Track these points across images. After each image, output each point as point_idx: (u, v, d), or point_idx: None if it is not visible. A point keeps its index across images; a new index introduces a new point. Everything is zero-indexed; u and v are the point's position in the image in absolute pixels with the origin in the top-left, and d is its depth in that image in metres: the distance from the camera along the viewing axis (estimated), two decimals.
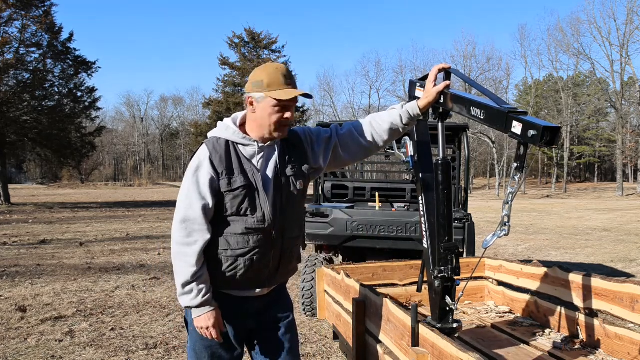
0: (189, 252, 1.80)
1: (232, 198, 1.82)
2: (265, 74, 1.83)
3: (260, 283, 1.91)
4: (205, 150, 1.85)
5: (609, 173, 59.11)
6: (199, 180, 1.81)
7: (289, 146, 1.96)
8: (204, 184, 1.81)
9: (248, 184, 1.83)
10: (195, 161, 1.84)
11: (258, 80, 1.84)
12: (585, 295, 2.67)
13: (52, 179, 55.24)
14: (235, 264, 1.83)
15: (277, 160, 1.91)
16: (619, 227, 13.74)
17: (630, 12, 37.81)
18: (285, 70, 1.87)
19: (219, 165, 1.82)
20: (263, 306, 1.97)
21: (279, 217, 1.87)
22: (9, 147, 23.27)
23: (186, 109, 77.99)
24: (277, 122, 1.84)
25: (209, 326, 1.83)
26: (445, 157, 2.14)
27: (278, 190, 1.88)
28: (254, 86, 1.84)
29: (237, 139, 1.88)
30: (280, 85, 1.82)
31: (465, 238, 4.47)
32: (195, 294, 1.80)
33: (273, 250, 1.88)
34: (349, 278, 2.77)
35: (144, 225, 14.21)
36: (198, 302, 1.81)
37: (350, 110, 58.44)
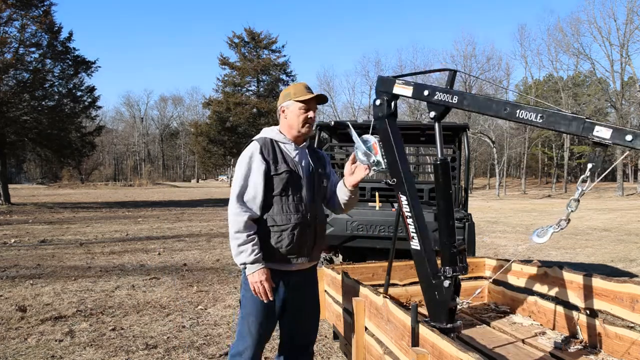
0: (241, 220, 2.21)
1: (278, 180, 2.27)
2: (291, 88, 2.41)
3: (300, 257, 2.32)
4: (256, 144, 2.33)
5: (609, 173, 59.06)
6: (252, 166, 2.27)
7: (315, 155, 2.49)
8: (256, 169, 2.26)
9: (290, 170, 2.31)
10: (248, 152, 2.30)
11: (286, 93, 2.40)
12: (585, 295, 2.67)
13: (52, 179, 55.23)
14: (281, 237, 2.26)
15: (310, 160, 2.42)
16: (619, 227, 13.73)
17: (630, 12, 37.83)
18: (306, 85, 2.42)
19: (267, 155, 2.30)
20: (299, 281, 2.38)
21: (312, 202, 2.35)
22: (9, 147, 23.27)
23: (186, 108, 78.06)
24: (303, 120, 2.36)
25: (261, 280, 2.21)
26: (444, 157, 2.14)
27: (312, 182, 2.37)
28: (284, 98, 2.39)
29: (279, 138, 2.38)
30: (303, 92, 2.36)
31: (465, 238, 4.47)
32: (249, 252, 2.20)
33: (309, 229, 2.32)
34: (349, 278, 2.76)
35: (144, 225, 14.21)
36: (252, 259, 2.20)
37: (350, 110, 58.43)
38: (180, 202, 26.56)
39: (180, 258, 8.42)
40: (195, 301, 5.47)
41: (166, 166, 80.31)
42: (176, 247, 9.80)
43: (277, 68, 38.32)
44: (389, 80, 2.24)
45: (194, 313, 5.01)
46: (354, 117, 50.76)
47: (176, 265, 7.70)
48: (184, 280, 6.55)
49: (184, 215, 17.50)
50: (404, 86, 2.19)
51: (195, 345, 4.05)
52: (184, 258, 8.43)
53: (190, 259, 8.37)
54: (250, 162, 2.28)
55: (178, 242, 10.52)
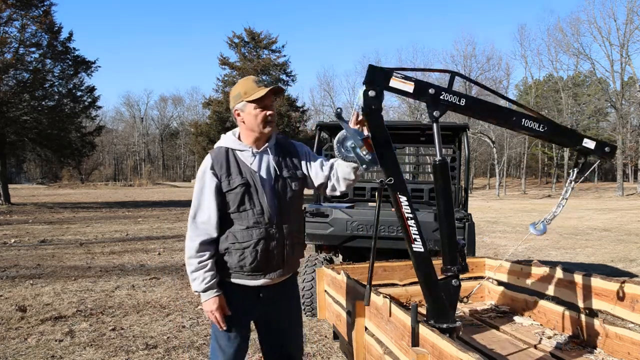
0: (192, 245, 2.11)
1: (233, 196, 2.10)
2: (240, 87, 2.16)
3: (268, 273, 2.16)
4: (208, 159, 2.17)
5: (609, 173, 59.09)
6: (204, 185, 2.13)
7: (284, 153, 2.25)
8: (208, 187, 2.12)
9: (245, 182, 2.12)
10: (202, 168, 2.16)
11: (236, 94, 2.16)
12: (585, 295, 2.67)
13: (52, 179, 55.22)
14: (243, 255, 2.11)
15: (274, 164, 2.19)
16: (619, 227, 13.74)
17: (630, 12, 37.82)
18: (255, 78, 2.19)
19: (219, 170, 2.12)
20: (271, 295, 2.22)
21: (277, 212, 2.14)
22: (9, 147, 23.26)
23: (186, 108, 78.04)
24: (262, 120, 2.14)
25: (212, 310, 2.11)
26: (443, 157, 2.13)
27: (276, 189, 2.16)
28: (234, 100, 2.17)
29: (234, 146, 2.19)
30: (254, 89, 2.12)
31: (466, 238, 4.47)
32: (200, 280, 2.10)
33: (274, 242, 2.14)
34: (349, 278, 2.76)
35: (144, 225, 14.21)
36: (203, 287, 2.10)
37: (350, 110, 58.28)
38: (180, 202, 26.56)
39: (180, 258, 8.41)
40: (195, 301, 5.47)
41: (166, 166, 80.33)
42: (176, 247, 9.80)
43: (277, 68, 38.35)
44: (384, 72, 2.03)
45: (194, 313, 5.01)
46: None
47: (176, 265, 7.70)
48: (184, 280, 6.55)
49: (184, 215, 17.49)
50: (403, 81, 2.03)
51: (195, 345, 4.05)
52: (184, 258, 8.42)
53: None
54: (203, 179, 2.13)
55: (178, 242, 10.52)
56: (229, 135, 2.25)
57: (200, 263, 2.10)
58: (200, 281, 2.10)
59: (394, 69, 2.06)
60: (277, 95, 2.19)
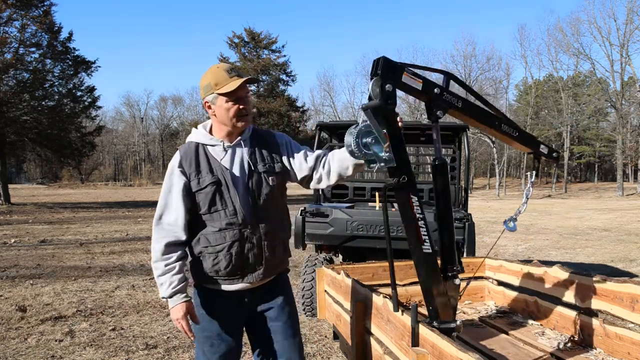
0: (158, 247, 1.96)
1: (203, 196, 1.95)
2: (210, 76, 1.96)
3: (245, 276, 2.00)
4: (177, 156, 2.03)
5: (609, 173, 59.09)
6: (172, 183, 1.99)
7: (260, 144, 2.07)
8: (176, 187, 1.97)
9: (216, 181, 1.95)
10: (170, 166, 2.02)
11: (206, 85, 1.97)
12: (585, 295, 2.67)
13: (52, 179, 55.24)
14: (217, 259, 1.96)
15: (248, 158, 2.01)
16: (619, 227, 13.74)
17: (630, 12, 37.82)
18: (227, 66, 1.97)
19: (188, 168, 1.97)
20: (257, 298, 2.07)
21: (252, 211, 1.97)
22: (9, 147, 23.28)
23: (186, 108, 77.96)
24: (234, 115, 1.96)
25: (178, 318, 1.96)
26: (442, 156, 2.13)
27: (250, 186, 1.99)
28: (204, 91, 1.98)
29: (205, 141, 2.03)
30: (226, 80, 1.93)
31: (466, 238, 4.47)
32: (167, 285, 1.95)
33: (249, 244, 1.97)
34: (349, 278, 2.76)
35: (144, 225, 14.21)
36: (169, 293, 1.95)
37: (350, 110, 58.41)
38: None
39: None
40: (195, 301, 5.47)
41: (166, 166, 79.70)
42: None
43: (277, 68, 38.37)
44: (397, 67, 1.90)
45: None
46: (354, 117, 50.80)
47: None
48: None
49: None
50: (413, 77, 1.94)
51: (195, 345, 4.05)
52: None
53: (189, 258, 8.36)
54: (170, 178, 1.99)
55: None
56: (200, 128, 2.08)
57: (167, 266, 1.95)
58: (167, 286, 1.94)
59: (405, 65, 1.96)
60: (252, 83, 2.04)
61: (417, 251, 1.99)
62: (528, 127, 47.44)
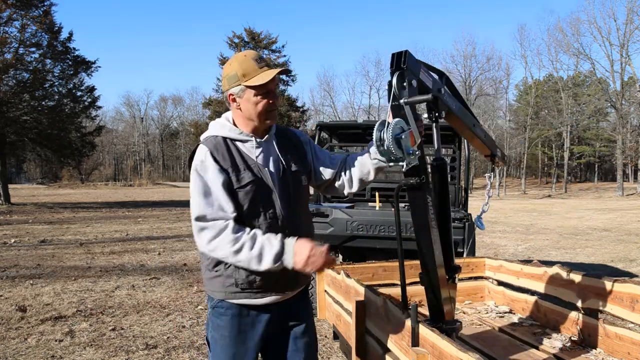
0: (226, 238, 1.66)
1: (243, 195, 1.73)
2: (237, 65, 1.75)
3: (279, 288, 1.79)
4: (204, 150, 1.75)
5: (609, 173, 59.08)
6: (209, 180, 1.71)
7: (286, 142, 1.89)
8: (216, 184, 1.70)
9: (256, 179, 1.75)
10: (197, 161, 1.74)
11: (232, 75, 1.76)
12: (585, 295, 2.67)
13: (52, 179, 55.22)
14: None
15: (279, 155, 1.83)
16: (619, 227, 13.74)
17: (630, 12, 37.84)
18: (255, 55, 1.79)
19: (223, 162, 1.73)
20: (285, 313, 1.87)
21: (289, 213, 1.79)
22: (9, 147, 23.27)
23: (186, 108, 78.11)
24: (264, 110, 1.77)
25: (310, 253, 1.65)
26: (442, 156, 2.13)
27: (287, 186, 1.81)
28: (229, 82, 1.77)
29: (234, 136, 1.79)
30: (255, 71, 1.74)
31: (465, 238, 4.47)
32: (268, 249, 1.65)
33: None
34: (349, 278, 2.76)
35: (144, 225, 14.21)
36: (275, 251, 1.65)
37: (350, 110, 58.44)
38: (180, 202, 26.55)
39: (180, 258, 8.42)
40: (195, 301, 5.47)
41: (166, 166, 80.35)
42: (176, 247, 9.80)
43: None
44: (418, 63, 1.81)
45: (194, 313, 5.01)
46: (354, 117, 50.79)
47: (176, 265, 7.70)
48: (184, 280, 6.55)
49: (184, 215, 17.49)
50: (426, 75, 1.86)
51: (195, 345, 4.05)
52: (184, 258, 8.43)
53: (190, 259, 8.37)
54: (204, 175, 1.71)
55: (178, 242, 10.52)
56: (223, 122, 1.84)
57: (246, 235, 1.66)
58: (269, 248, 1.65)
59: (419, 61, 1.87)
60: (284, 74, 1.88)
61: (429, 251, 1.93)
62: (528, 127, 47.49)
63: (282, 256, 1.66)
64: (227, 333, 1.80)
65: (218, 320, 1.82)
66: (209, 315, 1.86)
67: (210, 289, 1.83)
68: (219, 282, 1.78)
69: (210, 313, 1.86)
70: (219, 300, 1.80)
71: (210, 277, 1.81)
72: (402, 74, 1.72)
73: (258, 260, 1.65)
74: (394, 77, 1.73)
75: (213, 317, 1.84)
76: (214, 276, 1.79)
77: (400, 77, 1.72)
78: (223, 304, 1.80)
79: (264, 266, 1.66)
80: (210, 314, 1.86)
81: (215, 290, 1.80)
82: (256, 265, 1.66)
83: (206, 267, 1.82)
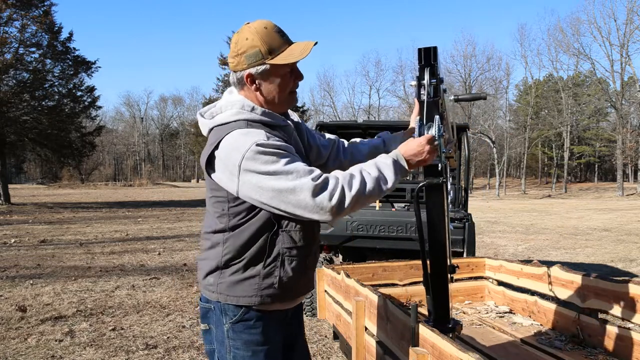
0: (344, 181, 1.40)
1: None
2: (258, 39, 1.46)
3: (308, 287, 1.63)
4: (258, 131, 1.44)
5: (609, 173, 59.08)
6: (283, 151, 1.41)
7: (298, 130, 1.68)
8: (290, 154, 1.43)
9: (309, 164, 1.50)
10: (259, 140, 1.40)
11: (254, 52, 1.46)
12: (585, 295, 2.67)
13: (52, 179, 55.17)
14: (302, 265, 1.54)
15: (298, 139, 1.64)
16: (619, 227, 13.73)
17: (630, 12, 37.84)
18: (275, 26, 1.50)
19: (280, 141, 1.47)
20: (293, 317, 1.68)
21: None
22: (9, 147, 23.26)
23: (186, 108, 78.12)
24: (290, 92, 1.55)
25: (425, 148, 1.50)
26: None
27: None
28: (249, 59, 1.47)
29: (271, 120, 1.52)
30: (282, 45, 1.48)
31: (465, 238, 4.47)
32: (387, 164, 1.48)
33: (315, 245, 1.62)
34: (349, 278, 2.76)
35: (143, 225, 14.21)
36: (392, 159, 1.49)
37: (350, 110, 58.42)
38: (180, 202, 26.56)
39: (180, 258, 8.42)
40: (195, 301, 5.47)
41: (166, 166, 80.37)
42: (176, 247, 9.80)
43: None
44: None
45: (194, 313, 5.01)
46: (354, 117, 50.79)
47: (176, 265, 7.70)
48: (184, 280, 6.55)
49: (184, 215, 17.49)
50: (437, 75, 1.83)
51: (195, 345, 4.05)
52: (184, 258, 8.43)
53: (190, 259, 8.37)
54: (272, 147, 1.40)
55: (178, 242, 10.52)
56: (250, 103, 1.51)
57: (361, 174, 1.43)
58: (388, 168, 1.46)
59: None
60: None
61: (440, 251, 1.89)
62: (528, 127, 47.50)
63: (398, 163, 1.49)
64: (261, 347, 1.51)
65: (246, 335, 1.50)
66: (228, 333, 1.51)
67: (235, 295, 1.50)
68: (251, 284, 1.49)
69: (229, 330, 1.51)
70: (246, 310, 1.50)
71: (238, 280, 1.50)
72: (433, 69, 1.66)
73: (384, 181, 1.45)
74: (425, 72, 1.65)
75: (236, 333, 1.51)
76: (243, 278, 1.49)
77: (431, 73, 1.66)
78: (251, 315, 1.51)
79: (390, 182, 1.46)
80: (229, 330, 1.51)
81: (243, 295, 1.49)
82: (384, 185, 1.45)
83: (230, 268, 1.51)
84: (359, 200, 1.41)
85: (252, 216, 1.47)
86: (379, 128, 5.21)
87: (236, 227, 1.49)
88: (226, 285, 1.51)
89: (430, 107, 1.66)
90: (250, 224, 1.48)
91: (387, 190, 1.46)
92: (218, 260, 1.52)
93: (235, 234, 1.49)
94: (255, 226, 1.47)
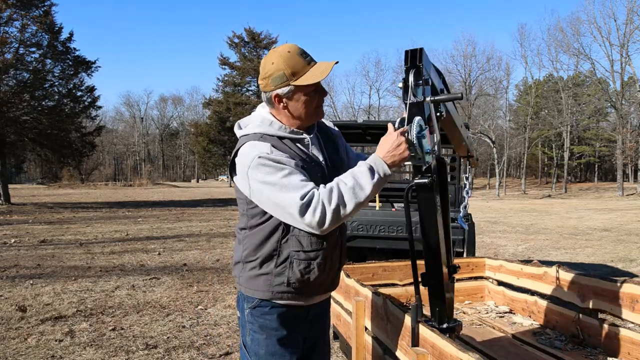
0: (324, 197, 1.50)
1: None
2: (282, 63, 1.60)
3: (327, 287, 1.75)
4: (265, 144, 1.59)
5: (609, 173, 59.10)
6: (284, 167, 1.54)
7: (326, 137, 1.79)
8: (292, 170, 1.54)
9: (322, 175, 1.65)
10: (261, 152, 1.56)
11: (278, 75, 1.60)
12: (585, 295, 2.67)
13: (52, 179, 55.18)
14: (309, 268, 1.63)
15: (325, 150, 1.74)
16: (619, 227, 13.73)
17: (630, 12, 37.85)
18: (298, 49, 1.64)
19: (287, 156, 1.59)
20: (317, 314, 1.80)
21: None
22: (9, 147, 23.28)
23: (186, 108, 78.21)
24: (316, 107, 1.67)
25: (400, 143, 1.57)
26: (441, 156, 2.12)
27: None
28: (275, 82, 1.61)
29: (286, 134, 1.66)
30: (304, 67, 1.60)
31: (465, 238, 4.47)
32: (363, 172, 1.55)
33: (337, 249, 1.73)
34: (349, 278, 2.76)
35: (144, 225, 14.21)
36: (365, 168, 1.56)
37: (350, 110, 58.45)
38: (180, 202, 26.56)
39: (180, 258, 8.42)
40: (195, 301, 5.47)
41: (166, 166, 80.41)
42: (176, 247, 9.81)
43: None
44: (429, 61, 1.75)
45: (194, 313, 5.01)
46: (354, 117, 50.79)
47: (176, 265, 7.70)
48: (184, 280, 6.55)
49: (184, 215, 17.50)
50: (436, 74, 1.85)
51: (195, 345, 4.05)
52: (184, 258, 8.44)
53: (190, 259, 8.37)
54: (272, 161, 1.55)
55: (178, 242, 10.53)
56: (271, 118, 1.68)
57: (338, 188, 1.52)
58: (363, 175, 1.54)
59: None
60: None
61: (436, 251, 1.89)
62: (528, 127, 47.51)
63: (373, 169, 1.56)
64: (274, 332, 1.68)
65: (261, 320, 1.69)
66: (248, 317, 1.71)
67: (251, 288, 1.69)
68: (265, 280, 1.66)
69: (248, 314, 1.71)
70: (260, 299, 1.68)
71: (254, 275, 1.68)
72: (419, 71, 1.68)
73: (360, 188, 1.53)
74: (410, 74, 1.68)
75: (254, 317, 1.70)
76: (258, 274, 1.67)
77: (416, 75, 1.68)
78: (266, 303, 1.68)
79: (367, 188, 1.53)
80: (249, 314, 1.71)
81: (258, 289, 1.68)
82: (360, 192, 1.52)
83: (249, 264, 1.69)
84: (340, 212, 1.52)
85: (266, 219, 1.64)
86: (379, 128, 5.21)
87: (253, 227, 1.68)
88: (245, 279, 1.71)
89: (412, 108, 1.68)
90: (264, 226, 1.65)
91: (367, 197, 1.54)
92: (240, 255, 1.73)
93: (252, 233, 1.68)
94: (268, 229, 1.64)
